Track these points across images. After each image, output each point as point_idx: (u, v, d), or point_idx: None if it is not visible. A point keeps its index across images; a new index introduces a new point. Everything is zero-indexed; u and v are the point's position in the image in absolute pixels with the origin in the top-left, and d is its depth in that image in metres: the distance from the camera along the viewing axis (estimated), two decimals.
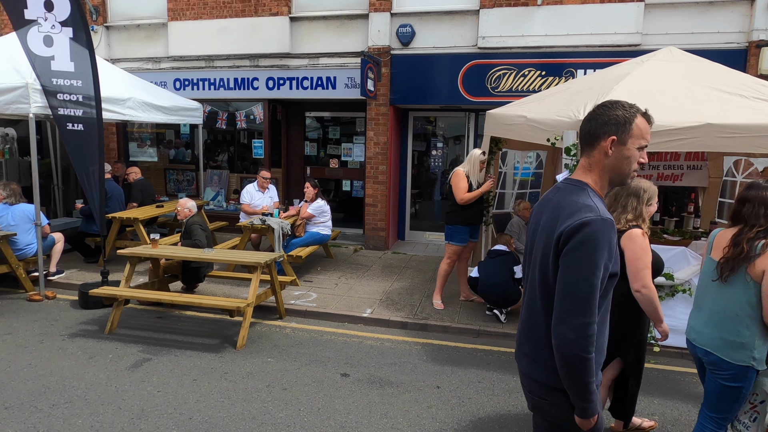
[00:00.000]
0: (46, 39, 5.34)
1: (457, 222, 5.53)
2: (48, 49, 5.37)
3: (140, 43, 9.42)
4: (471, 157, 5.59)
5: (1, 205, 6.03)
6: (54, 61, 5.40)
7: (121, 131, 10.06)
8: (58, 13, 5.37)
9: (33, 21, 5.26)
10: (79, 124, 5.52)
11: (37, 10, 5.27)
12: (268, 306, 5.58)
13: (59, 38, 5.40)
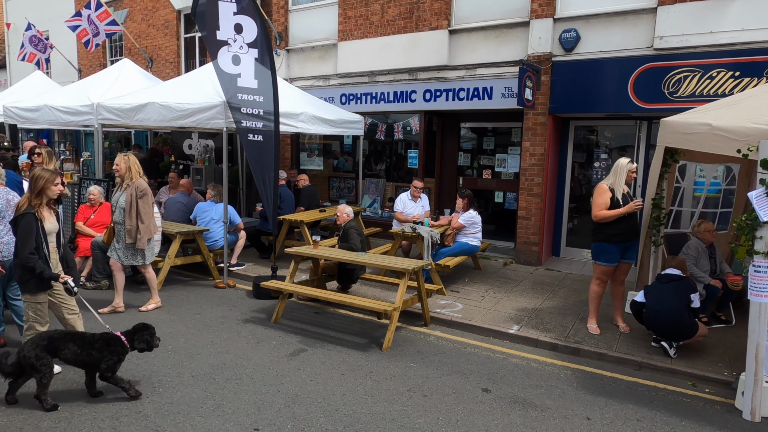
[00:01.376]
0: (234, 58, 6.14)
1: (602, 239, 5.06)
2: (235, 67, 6.14)
3: (314, 63, 10.43)
4: (617, 167, 5.06)
5: (209, 203, 7.20)
6: (240, 78, 6.16)
7: (294, 142, 11.21)
8: (246, 36, 6.15)
9: (224, 42, 6.08)
10: (259, 135, 6.27)
11: (228, 32, 6.07)
12: (414, 312, 5.71)
13: (246, 58, 6.17)
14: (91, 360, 3.64)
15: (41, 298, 3.87)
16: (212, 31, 6.05)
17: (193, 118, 6.68)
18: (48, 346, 3.54)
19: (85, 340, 3.66)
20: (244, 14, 6.10)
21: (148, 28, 13.72)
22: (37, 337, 3.61)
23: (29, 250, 3.69)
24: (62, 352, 3.58)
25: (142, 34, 13.81)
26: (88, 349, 3.62)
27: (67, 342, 3.61)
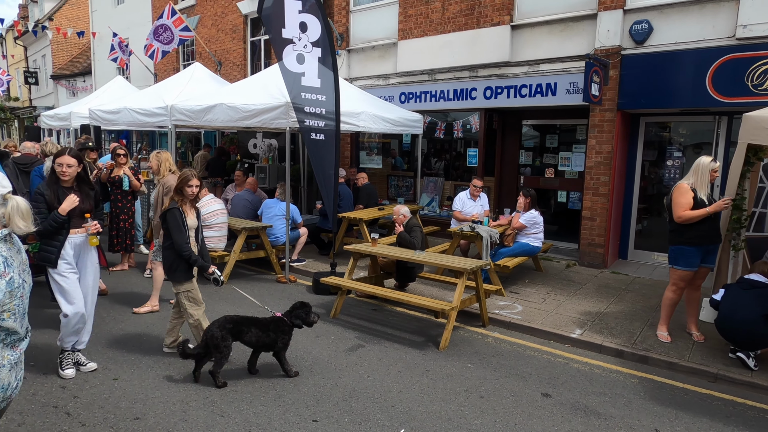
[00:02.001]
0: (299, 57, 6.21)
1: (681, 242, 4.75)
2: (300, 66, 6.20)
3: (374, 63, 10.52)
4: (698, 166, 4.73)
5: (275, 200, 7.47)
6: (304, 77, 6.22)
7: (354, 141, 11.37)
8: (310, 34, 6.21)
9: (289, 40, 6.15)
10: (321, 134, 6.40)
11: (293, 30, 6.13)
12: (472, 312, 5.64)
13: (309, 57, 6.23)
14: (269, 341, 3.98)
15: (188, 286, 4.20)
16: (278, 30, 6.09)
17: (257, 118, 6.93)
18: (233, 329, 3.89)
19: (262, 324, 3.99)
20: (309, 13, 6.16)
21: (217, 32, 14.37)
22: (223, 320, 3.93)
23: (185, 239, 4.07)
24: (245, 335, 3.93)
25: (212, 39, 14.48)
26: (266, 331, 3.96)
27: (249, 326, 3.94)
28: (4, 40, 34.26)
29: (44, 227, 3.79)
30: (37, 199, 3.80)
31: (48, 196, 3.84)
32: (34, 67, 29.84)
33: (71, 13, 26.77)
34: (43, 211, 3.81)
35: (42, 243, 3.89)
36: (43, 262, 3.87)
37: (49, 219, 3.80)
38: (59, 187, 3.90)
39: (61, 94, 25.41)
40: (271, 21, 6.15)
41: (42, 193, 3.84)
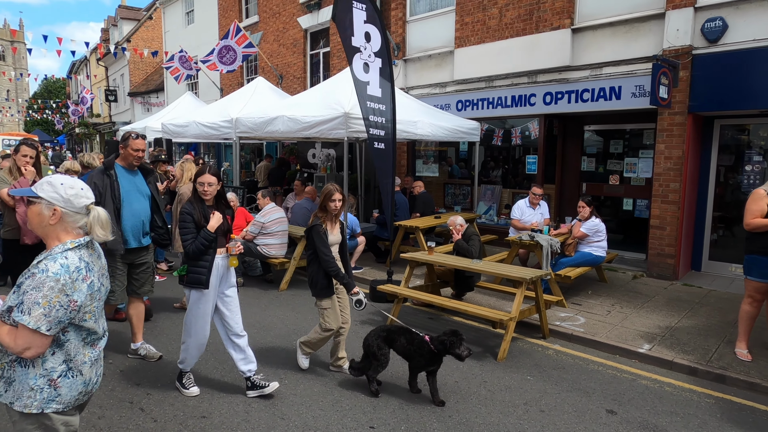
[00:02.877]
0: (365, 66, 6.28)
1: (754, 251, 4.44)
2: (365, 75, 6.25)
3: (430, 71, 10.55)
4: None
5: None
6: (369, 86, 6.28)
7: (410, 149, 11.42)
8: (373, 45, 6.28)
9: (357, 49, 6.24)
10: (382, 143, 6.47)
11: (360, 39, 6.20)
12: (532, 323, 5.50)
13: (373, 66, 6.31)
14: (409, 354, 3.97)
15: (327, 303, 4.19)
16: (348, 37, 6.13)
17: (316, 129, 7.13)
18: (386, 337, 3.97)
19: (410, 337, 3.97)
20: (370, 23, 6.26)
21: (279, 47, 14.92)
22: (378, 329, 4.04)
23: (331, 256, 4.08)
24: (396, 343, 3.98)
25: (273, 54, 15.05)
26: (410, 344, 3.94)
27: (399, 335, 3.99)
28: (89, 61, 37.21)
29: (195, 247, 3.68)
30: (184, 218, 3.72)
31: (195, 215, 3.73)
32: (114, 85, 32.19)
33: (146, 34, 28.69)
34: (191, 230, 3.72)
35: (190, 265, 3.75)
36: (194, 284, 3.74)
37: (200, 238, 3.69)
38: (204, 205, 3.80)
39: (137, 110, 27.22)
40: (343, 26, 6.15)
41: (189, 212, 3.73)
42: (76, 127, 38.18)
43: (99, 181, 4.17)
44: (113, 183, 4.23)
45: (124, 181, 4.32)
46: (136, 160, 4.37)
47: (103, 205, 3.81)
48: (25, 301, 1.85)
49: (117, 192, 4.24)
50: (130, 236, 4.35)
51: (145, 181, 4.50)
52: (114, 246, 4.09)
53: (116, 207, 4.22)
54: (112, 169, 4.28)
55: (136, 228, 4.39)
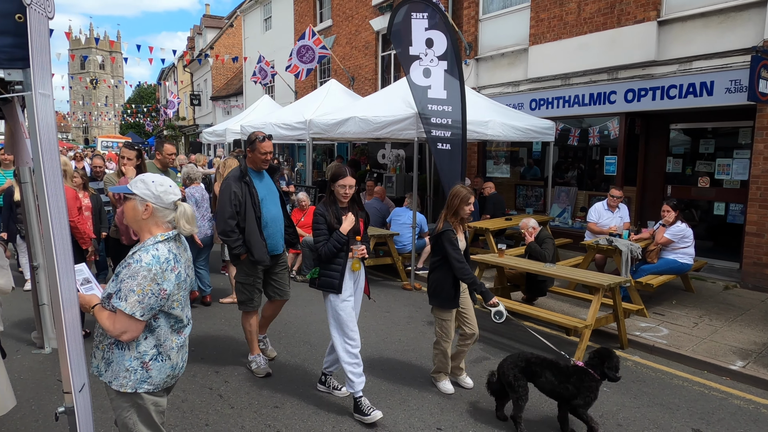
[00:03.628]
0: (425, 71, 6.43)
1: None
2: (426, 80, 6.44)
3: (502, 70, 10.32)
4: None
5: (404, 208, 7.71)
6: (430, 90, 6.44)
7: (481, 150, 11.23)
8: (436, 49, 6.41)
9: (416, 57, 6.41)
10: (447, 144, 6.45)
11: (419, 47, 6.41)
12: (608, 332, 5.23)
13: (436, 70, 6.43)
14: (566, 393, 3.35)
15: (447, 315, 3.89)
16: (405, 48, 6.43)
17: (387, 129, 7.20)
18: (525, 369, 3.46)
19: (561, 372, 3.39)
20: (435, 29, 6.36)
21: (351, 50, 15.22)
22: (516, 357, 3.53)
23: (465, 263, 3.77)
24: (539, 379, 3.44)
25: (346, 56, 15.37)
26: (565, 381, 3.35)
27: (544, 369, 3.42)
28: (176, 68, 39.88)
29: (328, 249, 3.54)
30: (317, 220, 3.59)
31: (328, 216, 3.57)
32: (198, 90, 34.27)
33: (228, 41, 30.29)
34: (324, 232, 3.57)
35: (322, 268, 3.63)
36: (326, 288, 3.60)
37: (332, 240, 3.53)
38: (337, 207, 3.65)
39: (218, 113, 28.80)
40: (399, 39, 6.48)
41: (322, 213, 3.59)
42: (164, 130, 41.04)
43: (238, 190, 3.96)
44: (251, 190, 4.02)
45: (259, 186, 4.12)
46: (264, 163, 4.15)
47: (243, 215, 3.94)
48: (122, 288, 2.02)
49: (256, 198, 4.02)
50: (274, 242, 4.20)
51: (272, 179, 4.34)
52: (260, 257, 4.00)
53: (257, 215, 4.02)
54: (248, 175, 4.06)
55: (278, 232, 4.25)
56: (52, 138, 1.86)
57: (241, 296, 4.23)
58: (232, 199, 3.95)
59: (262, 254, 4.03)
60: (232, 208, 3.96)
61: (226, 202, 3.97)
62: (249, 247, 4.03)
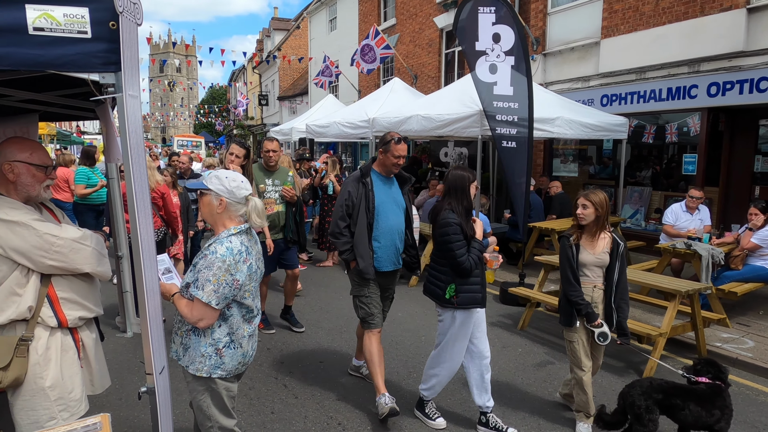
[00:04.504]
0: (491, 67, 6.27)
1: None
2: (492, 76, 6.27)
3: (571, 65, 9.94)
4: None
5: None
6: (496, 86, 6.26)
7: (547, 148, 10.88)
8: (503, 44, 6.22)
9: (482, 52, 6.26)
10: (512, 142, 6.29)
11: (486, 42, 6.23)
12: (685, 342, 4.92)
13: (502, 66, 6.25)
14: (711, 421, 2.95)
15: (570, 335, 3.42)
16: (471, 43, 6.30)
17: (450, 127, 7.13)
18: (662, 401, 3.01)
19: (703, 396, 2.96)
20: (502, 23, 6.20)
21: (414, 48, 15.21)
22: (648, 385, 3.09)
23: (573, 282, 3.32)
24: (679, 411, 2.97)
25: (409, 54, 15.38)
26: (710, 408, 2.93)
27: (687, 401, 2.96)
28: (246, 70, 41.56)
29: (473, 261, 3.21)
30: (454, 231, 3.21)
31: (463, 224, 3.25)
32: (266, 90, 35.53)
33: (294, 42, 31.16)
34: (464, 243, 3.24)
35: (459, 283, 3.26)
36: (471, 305, 3.29)
37: (474, 251, 3.23)
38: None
39: (284, 112, 29.72)
40: (464, 35, 6.38)
41: (458, 222, 3.23)
42: (234, 129, 42.90)
43: (353, 189, 3.65)
44: (368, 192, 3.61)
45: (380, 191, 3.68)
46: (395, 167, 3.71)
47: (355, 218, 3.59)
48: (199, 278, 2.14)
49: (371, 203, 3.61)
50: (384, 256, 3.69)
51: (401, 190, 3.85)
52: (365, 268, 3.59)
53: (369, 221, 3.60)
54: (369, 177, 3.68)
55: (391, 247, 3.72)
56: (139, 137, 1.99)
57: (359, 311, 3.77)
58: (346, 199, 3.67)
59: (364, 265, 3.60)
60: (343, 209, 3.66)
61: (341, 201, 3.71)
62: (356, 253, 3.65)
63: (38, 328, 2.07)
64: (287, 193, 4.97)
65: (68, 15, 1.76)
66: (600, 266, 3.35)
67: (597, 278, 3.37)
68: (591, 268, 3.36)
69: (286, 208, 5.03)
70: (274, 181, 4.99)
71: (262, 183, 4.92)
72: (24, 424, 2.07)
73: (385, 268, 3.71)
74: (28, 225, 2.01)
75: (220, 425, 2.34)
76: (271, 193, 4.96)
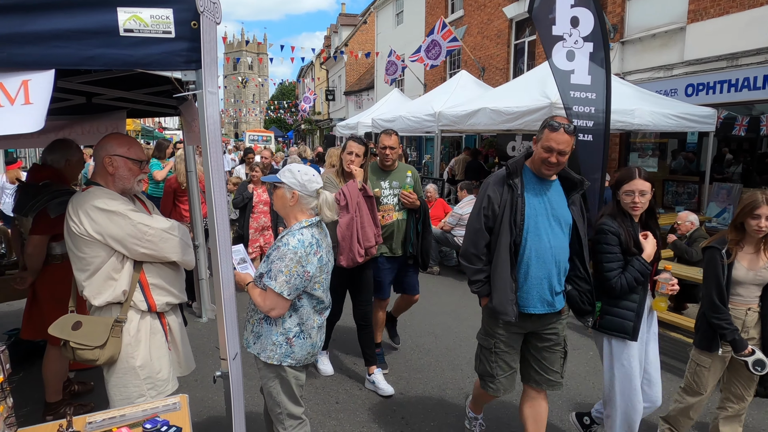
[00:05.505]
0: (569, 54, 5.88)
1: None
2: (569, 64, 5.86)
3: (652, 53, 9.33)
4: None
5: None
6: (573, 75, 5.88)
7: (624, 141, 10.31)
8: (582, 29, 5.82)
9: (559, 37, 5.89)
10: (589, 135, 5.98)
11: (564, 26, 5.78)
12: None
13: (580, 53, 5.86)
14: None
15: (701, 359, 2.86)
16: (548, 27, 5.91)
17: (520, 120, 6.92)
18: None
19: None
20: (581, 6, 5.85)
21: (482, 39, 14.89)
22: None
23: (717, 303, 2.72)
24: None
25: (476, 46, 15.08)
26: None
27: None
28: (314, 66, 42.52)
29: (628, 282, 2.67)
30: (608, 240, 2.71)
31: (623, 235, 2.72)
32: (332, 86, 36.20)
33: (361, 37, 31.47)
34: (618, 256, 2.72)
35: (607, 303, 2.76)
36: (614, 331, 2.75)
37: (633, 270, 2.67)
38: (632, 222, 2.78)
39: (350, 107, 30.15)
40: (540, 18, 6.01)
41: (615, 231, 2.72)
42: (302, 124, 44.08)
43: (495, 195, 2.59)
44: (516, 199, 2.55)
45: (533, 198, 2.58)
46: (547, 167, 2.54)
47: (496, 234, 2.58)
48: (272, 269, 2.21)
49: (520, 215, 2.54)
50: (532, 292, 2.59)
51: (566, 199, 2.66)
52: (499, 306, 2.56)
53: (514, 241, 2.55)
54: (519, 177, 2.59)
55: (543, 279, 2.59)
56: (217, 131, 2.07)
57: (478, 365, 2.87)
58: (484, 207, 2.62)
59: (502, 303, 2.56)
60: (481, 221, 2.62)
61: (476, 210, 2.66)
62: (491, 285, 2.63)
63: (131, 311, 2.23)
64: (407, 198, 3.95)
65: (154, 16, 1.86)
66: (759, 284, 2.77)
67: (753, 299, 2.78)
68: (747, 287, 2.76)
69: (407, 216, 4.06)
70: (392, 183, 4.01)
71: (377, 186, 3.95)
72: (116, 399, 2.24)
73: (533, 309, 2.61)
74: (125, 215, 2.16)
75: (288, 412, 2.41)
76: (388, 198, 4.00)
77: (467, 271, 2.73)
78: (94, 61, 1.80)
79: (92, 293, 2.18)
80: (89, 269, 2.17)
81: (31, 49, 1.74)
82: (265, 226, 6.25)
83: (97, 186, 2.26)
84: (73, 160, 3.43)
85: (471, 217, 2.71)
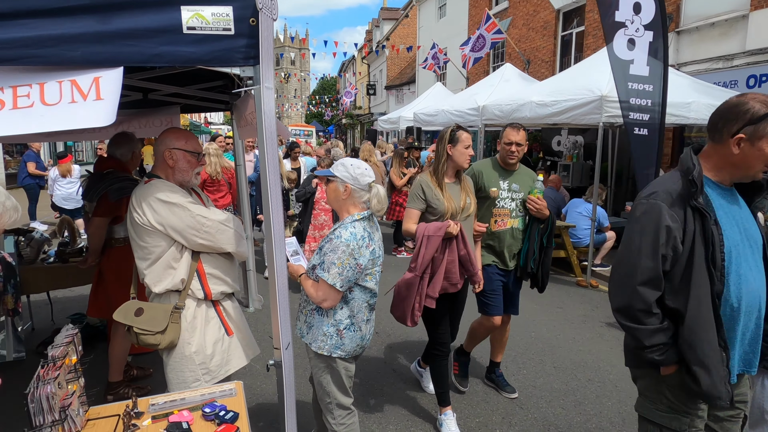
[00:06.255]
0: (629, 42, 5.50)
1: None
2: (629, 53, 5.48)
3: (711, 43, 8.88)
4: None
5: (581, 200, 7.26)
6: (632, 65, 5.51)
7: (677, 136, 9.88)
8: (643, 16, 5.41)
9: (622, 24, 5.49)
10: (644, 129, 5.73)
11: (626, 12, 5.42)
12: None
13: (640, 42, 5.49)
14: None
15: None
16: (612, 13, 5.57)
17: (567, 114, 6.74)
18: None
19: None
20: None
21: (528, 32, 14.56)
22: None
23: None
24: None
25: (521, 39, 14.76)
26: None
27: None
28: (355, 60, 42.71)
29: None
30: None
31: None
32: (374, 80, 36.26)
33: (403, 31, 31.38)
34: None
35: None
36: None
37: None
38: None
39: (391, 102, 30.14)
40: (604, 2, 5.66)
41: None
42: (343, 118, 44.42)
43: (675, 223, 1.73)
44: (709, 227, 1.73)
45: (726, 222, 1.79)
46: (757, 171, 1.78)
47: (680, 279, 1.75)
48: (325, 261, 2.24)
49: (719, 247, 1.75)
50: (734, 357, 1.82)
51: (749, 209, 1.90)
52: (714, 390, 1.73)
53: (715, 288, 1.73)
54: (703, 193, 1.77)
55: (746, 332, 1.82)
56: (272, 126, 2.11)
57: None
58: (662, 243, 1.76)
59: (715, 385, 1.73)
60: (655, 260, 1.76)
61: (644, 244, 1.78)
62: (689, 357, 1.76)
63: (188, 299, 2.31)
64: (534, 204, 3.40)
65: (215, 14, 1.91)
66: None
67: None
68: None
69: (527, 225, 3.52)
70: (511, 185, 3.51)
71: (495, 185, 3.49)
72: (174, 383, 2.33)
73: (733, 379, 1.83)
74: (185, 206, 2.24)
75: (338, 402, 2.45)
76: (506, 201, 3.49)
77: (634, 332, 1.81)
78: (159, 58, 1.87)
79: (153, 281, 2.28)
80: (150, 258, 2.27)
81: (102, 48, 1.82)
82: (325, 224, 5.97)
83: (158, 179, 2.35)
84: (137, 152, 3.78)
85: (627, 254, 1.83)
